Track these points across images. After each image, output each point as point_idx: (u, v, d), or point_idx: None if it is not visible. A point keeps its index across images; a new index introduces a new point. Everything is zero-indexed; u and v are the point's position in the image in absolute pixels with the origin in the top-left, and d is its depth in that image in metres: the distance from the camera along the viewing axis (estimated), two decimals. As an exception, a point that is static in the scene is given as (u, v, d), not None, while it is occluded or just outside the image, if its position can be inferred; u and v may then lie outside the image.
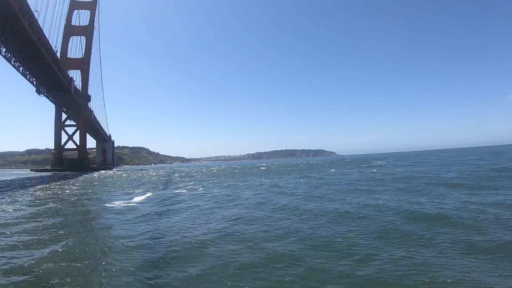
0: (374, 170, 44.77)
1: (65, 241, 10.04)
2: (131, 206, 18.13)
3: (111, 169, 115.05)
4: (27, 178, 53.52)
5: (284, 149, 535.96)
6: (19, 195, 24.82)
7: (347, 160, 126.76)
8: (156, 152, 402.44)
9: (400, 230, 10.24)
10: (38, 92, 79.36)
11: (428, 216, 12.08)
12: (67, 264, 7.82)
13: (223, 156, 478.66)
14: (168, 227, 12.14)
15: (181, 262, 7.90)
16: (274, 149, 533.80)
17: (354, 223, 11.64)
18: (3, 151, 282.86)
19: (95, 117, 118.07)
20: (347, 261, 7.67)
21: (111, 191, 28.72)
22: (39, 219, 14.03)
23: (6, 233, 11.33)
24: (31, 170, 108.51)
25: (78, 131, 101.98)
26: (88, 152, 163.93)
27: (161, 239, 10.25)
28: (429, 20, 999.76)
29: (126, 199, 21.43)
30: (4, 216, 15.00)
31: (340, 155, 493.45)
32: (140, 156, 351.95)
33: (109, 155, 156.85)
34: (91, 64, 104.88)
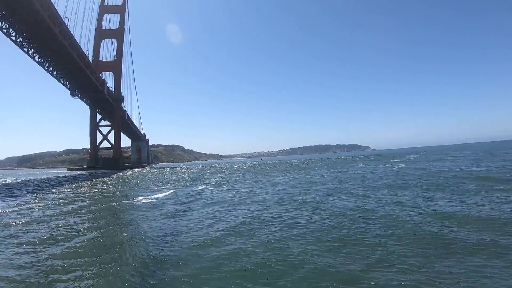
0: (403, 165, 42.54)
1: (77, 238, 10.24)
2: (151, 203, 18.39)
3: (145, 167, 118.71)
4: (62, 177, 56.26)
5: (318, 145, 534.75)
6: (48, 194, 25.95)
7: (380, 154, 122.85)
8: (190, 149, 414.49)
9: (420, 231, 9.41)
10: (72, 94, 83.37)
11: (453, 217, 11.02)
12: (73, 261, 7.95)
13: (257, 152, 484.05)
14: (177, 225, 12.06)
15: (179, 262, 7.74)
16: (308, 145, 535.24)
17: (372, 223, 10.93)
18: (41, 151, 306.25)
19: (129, 117, 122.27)
20: (359, 264, 7.14)
21: (139, 188, 29.41)
22: (58, 217, 14.47)
23: (24, 230, 11.76)
24: (67, 169, 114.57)
25: (113, 130, 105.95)
26: (124, 150, 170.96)
27: (166, 237, 10.16)
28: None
29: (149, 196, 21.78)
30: (29, 214, 15.64)
31: (374, 149, 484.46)
32: (174, 153, 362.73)
33: (144, 153, 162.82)
34: (123, 66, 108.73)
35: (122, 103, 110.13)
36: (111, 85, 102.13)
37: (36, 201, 21.17)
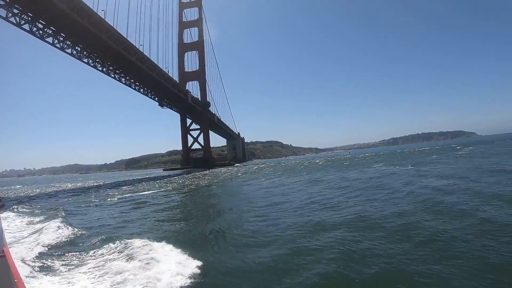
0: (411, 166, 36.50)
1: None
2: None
3: (233, 165, 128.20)
4: (148, 178, 69.07)
5: (420, 133, 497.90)
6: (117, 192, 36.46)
7: (466, 144, 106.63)
8: (289, 144, 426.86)
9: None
10: (161, 105, 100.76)
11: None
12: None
13: (357, 144, 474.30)
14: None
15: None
16: (410, 133, 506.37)
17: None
18: (148, 153, 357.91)
19: (218, 119, 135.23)
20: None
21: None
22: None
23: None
24: (163, 170, 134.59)
25: (202, 133, 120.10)
26: (222, 149, 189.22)
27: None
28: None
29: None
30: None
31: (480, 135, 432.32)
32: (272, 150, 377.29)
33: (239, 151, 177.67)
34: (208, 73, 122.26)
35: (212, 107, 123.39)
36: (197, 93, 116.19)
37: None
